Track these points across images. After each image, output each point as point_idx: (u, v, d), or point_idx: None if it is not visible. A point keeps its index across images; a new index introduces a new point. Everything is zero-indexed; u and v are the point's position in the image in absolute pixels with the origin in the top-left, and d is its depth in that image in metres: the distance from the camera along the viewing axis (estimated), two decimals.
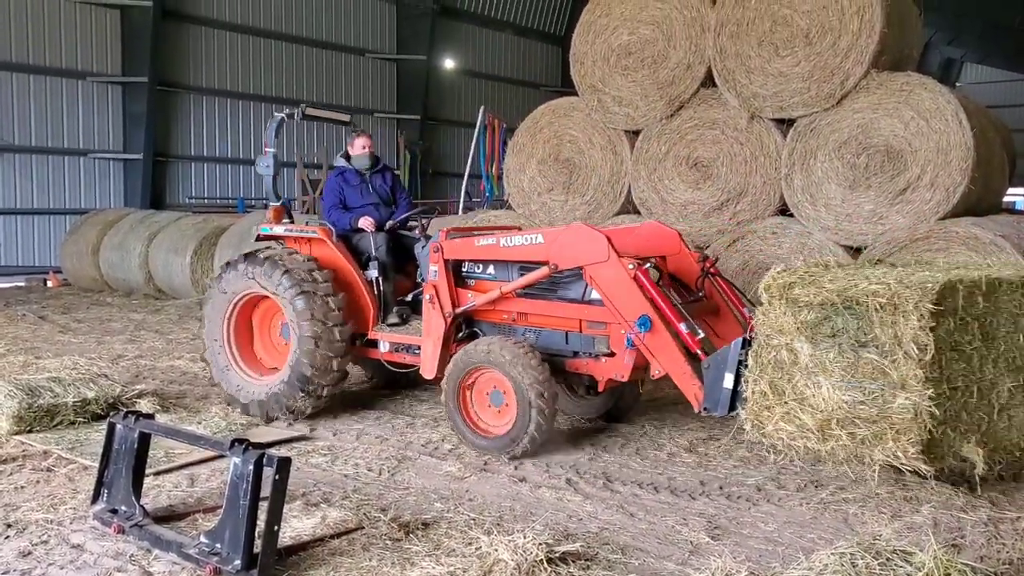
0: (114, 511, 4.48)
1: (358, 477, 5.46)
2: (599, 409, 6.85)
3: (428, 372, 6.48)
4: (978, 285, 4.56)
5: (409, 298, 7.03)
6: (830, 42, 8.37)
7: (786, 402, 4.65)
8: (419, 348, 6.60)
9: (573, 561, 4.09)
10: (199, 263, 13.83)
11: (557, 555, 4.06)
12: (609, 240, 5.68)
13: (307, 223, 7.36)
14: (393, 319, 6.91)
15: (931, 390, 4.29)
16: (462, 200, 15.73)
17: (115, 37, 19.99)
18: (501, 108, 24.39)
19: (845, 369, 4.46)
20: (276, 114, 7.44)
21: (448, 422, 6.28)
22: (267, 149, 7.32)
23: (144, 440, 4.52)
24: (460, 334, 6.54)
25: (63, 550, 4.25)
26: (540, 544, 4.05)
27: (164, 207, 19.83)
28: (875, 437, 4.43)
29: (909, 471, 4.51)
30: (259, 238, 7.27)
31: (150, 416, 4.60)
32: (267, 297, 6.81)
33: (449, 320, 6.38)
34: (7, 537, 4.37)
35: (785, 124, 8.85)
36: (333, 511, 4.73)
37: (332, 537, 4.37)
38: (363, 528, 4.51)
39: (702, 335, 5.44)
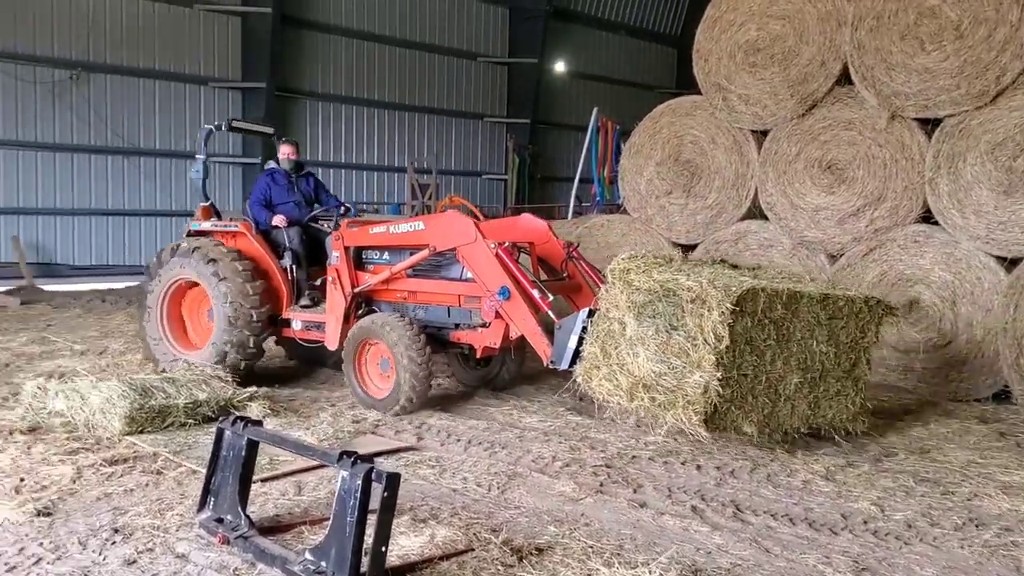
0: (220, 520, 4.32)
1: (467, 493, 5.17)
2: (486, 377, 7.83)
3: (331, 344, 7.45)
4: (779, 295, 5.41)
5: (319, 283, 7.90)
6: (984, 34, 7.69)
7: (610, 364, 5.49)
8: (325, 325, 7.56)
9: None
10: None
11: None
12: (476, 224, 6.70)
13: (231, 219, 8.32)
14: (305, 301, 7.85)
15: (720, 373, 5.11)
16: (572, 204, 15.35)
17: (236, 43, 20.49)
18: (613, 110, 23.79)
19: (658, 345, 5.28)
20: (205, 126, 8.52)
21: (559, 438, 6.33)
22: (198, 156, 8.38)
23: (252, 447, 4.34)
24: (360, 311, 7.50)
25: (167, 560, 4.09)
26: None
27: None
28: (669, 403, 5.23)
29: (691, 434, 5.35)
30: (190, 233, 8.24)
31: (258, 423, 4.42)
32: (196, 283, 7.82)
33: (349, 298, 7.39)
34: (114, 543, 4.25)
35: (930, 124, 8.19)
36: (442, 529, 4.45)
37: (441, 559, 4.08)
38: (473, 550, 4.21)
39: (552, 298, 6.34)
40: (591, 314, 5.75)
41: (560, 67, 26.91)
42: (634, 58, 29.77)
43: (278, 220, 7.94)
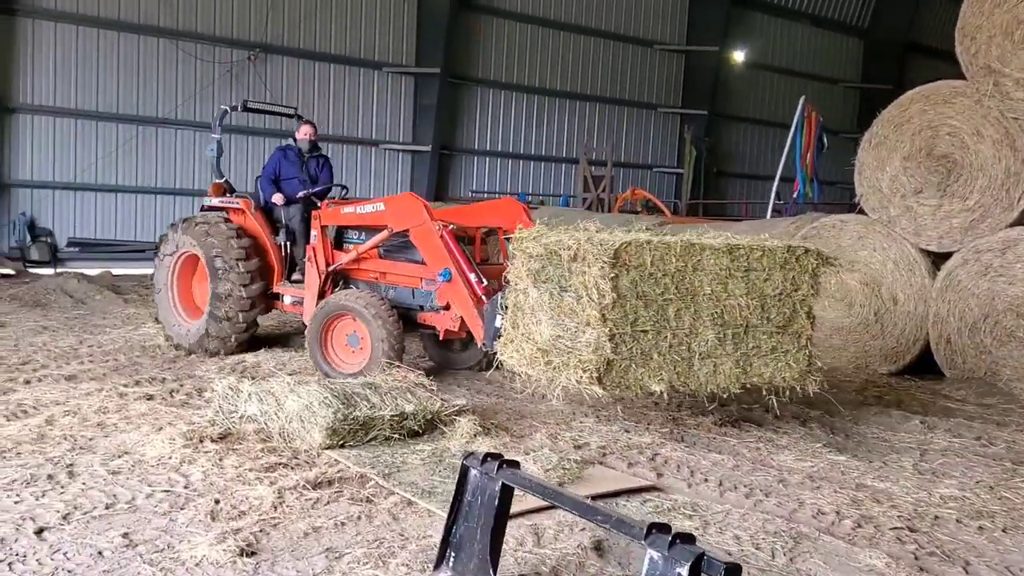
0: None
1: (746, 558, 4.10)
2: (468, 362, 7.87)
3: (307, 318, 7.56)
4: (671, 248, 5.28)
5: None
6: None
7: (520, 335, 5.55)
8: None
9: None
10: None
11: None
12: (426, 206, 6.88)
13: (234, 196, 8.68)
14: (296, 277, 8.22)
15: (608, 329, 5.07)
16: (771, 201, 13.95)
17: (411, 28, 20.04)
18: (796, 105, 22.26)
19: (553, 309, 5.31)
20: (221, 106, 8.98)
21: (830, 485, 5.22)
22: (213, 136, 8.85)
23: (507, 494, 3.44)
24: (337, 288, 7.68)
25: None
26: None
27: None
28: (564, 365, 5.21)
29: (589, 395, 5.28)
30: (203, 208, 8.76)
31: (515, 463, 3.50)
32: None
33: (323, 275, 7.63)
34: None
35: None
36: None
37: None
38: None
39: (486, 283, 6.42)
40: None
41: (739, 56, 25.28)
42: (817, 49, 27.73)
43: (276, 198, 8.31)
